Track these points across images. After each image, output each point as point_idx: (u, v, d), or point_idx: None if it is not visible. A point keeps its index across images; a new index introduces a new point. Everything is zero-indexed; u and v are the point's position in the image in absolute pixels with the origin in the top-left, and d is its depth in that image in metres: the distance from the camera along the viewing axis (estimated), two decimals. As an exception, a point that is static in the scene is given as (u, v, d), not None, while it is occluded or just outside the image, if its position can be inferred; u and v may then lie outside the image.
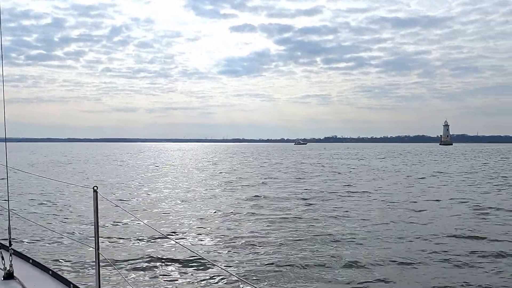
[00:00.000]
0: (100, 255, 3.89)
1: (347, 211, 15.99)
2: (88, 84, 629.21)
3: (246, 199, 19.64)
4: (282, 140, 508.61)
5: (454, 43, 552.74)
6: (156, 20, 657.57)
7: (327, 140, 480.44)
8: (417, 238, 11.86)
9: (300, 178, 29.94)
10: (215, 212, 16.08)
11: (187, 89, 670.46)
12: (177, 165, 48.56)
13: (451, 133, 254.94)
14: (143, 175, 34.05)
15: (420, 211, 16.30)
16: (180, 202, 18.76)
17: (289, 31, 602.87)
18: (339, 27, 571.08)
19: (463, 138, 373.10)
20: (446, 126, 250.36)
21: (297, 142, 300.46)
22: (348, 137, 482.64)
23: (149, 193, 22.10)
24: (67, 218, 14.78)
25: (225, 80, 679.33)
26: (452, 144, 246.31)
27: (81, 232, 12.59)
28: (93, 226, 4.03)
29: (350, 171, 36.75)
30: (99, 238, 3.95)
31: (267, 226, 13.40)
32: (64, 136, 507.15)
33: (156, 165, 48.07)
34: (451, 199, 19.61)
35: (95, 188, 3.84)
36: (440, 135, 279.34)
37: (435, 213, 15.88)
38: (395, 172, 35.63)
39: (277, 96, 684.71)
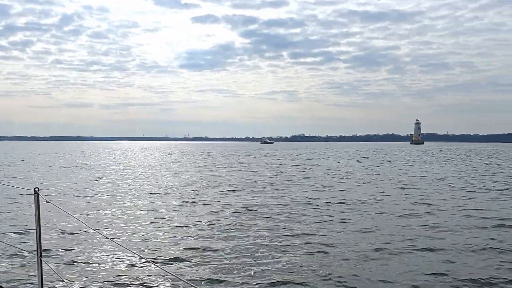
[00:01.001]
0: (43, 262, 3.82)
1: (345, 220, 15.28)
2: (36, 77, 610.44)
3: (191, 202, 19.87)
4: (247, 139, 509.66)
5: (423, 39, 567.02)
6: (111, 9, 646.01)
7: (294, 138, 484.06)
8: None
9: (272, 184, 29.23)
10: (163, 215, 16.31)
11: (146, 83, 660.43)
12: (131, 165, 47.52)
13: (421, 131, 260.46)
14: (93, 176, 33.29)
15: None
16: (128, 205, 18.67)
17: (255, 23, 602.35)
18: (306, 20, 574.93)
19: (434, 137, 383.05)
20: (418, 124, 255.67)
21: (264, 141, 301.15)
22: (316, 135, 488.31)
23: (96, 195, 21.65)
24: (5, 223, 14.47)
25: (187, 74, 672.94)
26: (423, 143, 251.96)
27: (22, 238, 12.36)
28: (35, 231, 3.96)
29: (337, 175, 36.69)
30: (41, 244, 3.88)
31: (214, 229, 13.84)
32: (10, 133, 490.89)
33: (109, 165, 46.93)
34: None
35: (36, 189, 3.76)
36: (411, 134, 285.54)
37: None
38: (388, 176, 35.74)
39: (241, 92, 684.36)
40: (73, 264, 9.80)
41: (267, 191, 23.12)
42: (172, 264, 9.91)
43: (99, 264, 9.86)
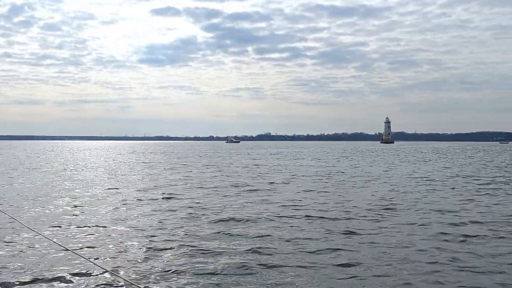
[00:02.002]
0: None
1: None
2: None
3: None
4: (211, 138, 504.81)
5: (392, 35, 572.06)
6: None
7: (260, 137, 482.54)
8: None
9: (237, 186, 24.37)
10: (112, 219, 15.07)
11: (103, 79, 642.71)
12: (83, 167, 41.83)
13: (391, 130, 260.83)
14: (42, 179, 28.71)
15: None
16: (77, 210, 16.87)
17: (218, 16, 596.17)
18: (272, 14, 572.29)
19: (402, 136, 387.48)
20: (388, 123, 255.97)
21: (229, 140, 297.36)
22: (283, 134, 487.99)
23: (46, 201, 19.16)
24: None
25: (146, 69, 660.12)
26: (393, 142, 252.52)
27: None
28: None
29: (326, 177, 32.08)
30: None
31: (164, 231, 13.18)
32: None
33: (62, 166, 41.28)
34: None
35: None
36: (379, 133, 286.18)
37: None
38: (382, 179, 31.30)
39: (205, 88, 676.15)
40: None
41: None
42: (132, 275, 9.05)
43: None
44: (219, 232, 12.79)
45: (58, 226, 13.55)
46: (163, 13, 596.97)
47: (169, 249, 10.90)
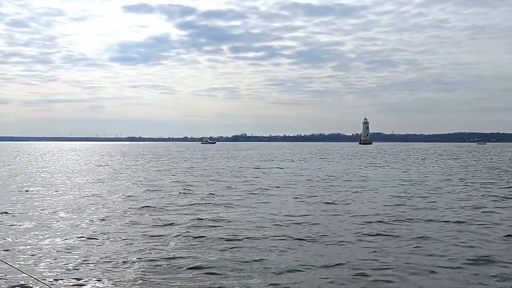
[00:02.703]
0: None
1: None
2: None
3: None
4: (185, 139, 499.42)
5: (368, 35, 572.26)
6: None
7: (236, 138, 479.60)
8: None
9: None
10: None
11: (72, 78, 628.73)
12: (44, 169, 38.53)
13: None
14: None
15: None
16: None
17: (192, 14, 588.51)
18: (248, 12, 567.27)
19: (379, 137, 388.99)
20: (366, 124, 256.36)
21: (205, 141, 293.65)
22: (259, 135, 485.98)
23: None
24: None
25: (118, 68, 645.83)
26: (372, 144, 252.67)
27: None
28: None
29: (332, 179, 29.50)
30: None
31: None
32: None
33: (22, 169, 37.92)
34: None
35: None
36: (356, 134, 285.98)
37: None
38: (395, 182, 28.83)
39: (178, 88, 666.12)
40: None
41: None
42: None
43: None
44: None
45: None
46: (136, 10, 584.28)
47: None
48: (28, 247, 12.28)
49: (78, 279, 9.53)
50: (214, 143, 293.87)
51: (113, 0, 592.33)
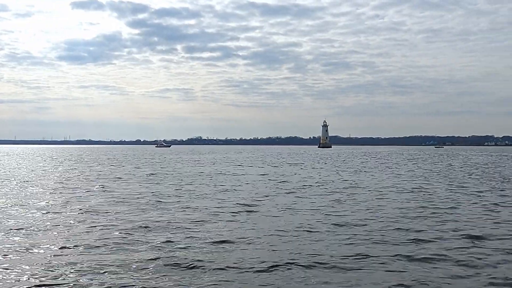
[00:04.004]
0: None
1: None
2: None
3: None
4: (138, 142, 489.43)
5: (325, 36, 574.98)
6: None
7: (191, 141, 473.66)
8: None
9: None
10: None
11: (17, 77, 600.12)
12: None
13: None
14: None
15: None
16: None
17: (144, 12, 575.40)
18: (202, 11, 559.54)
19: (336, 140, 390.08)
20: (325, 126, 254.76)
21: (159, 144, 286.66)
22: (215, 138, 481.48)
23: None
24: None
25: (66, 67, 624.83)
26: (331, 147, 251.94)
27: None
28: None
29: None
30: None
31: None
32: None
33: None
34: None
35: None
36: (313, 137, 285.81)
37: None
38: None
39: (130, 89, 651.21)
40: None
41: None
42: None
43: None
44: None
45: None
46: (85, 6, 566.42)
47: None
48: None
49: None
50: (169, 146, 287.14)
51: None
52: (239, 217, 17.56)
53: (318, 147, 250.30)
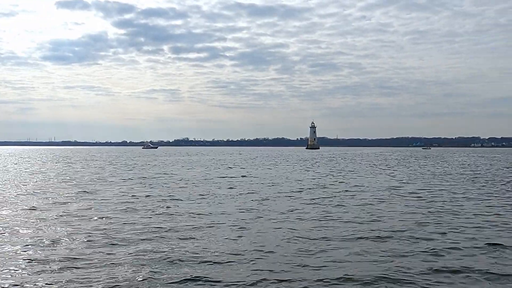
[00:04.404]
0: None
1: None
2: None
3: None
4: (124, 143, 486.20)
5: (312, 37, 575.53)
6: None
7: (178, 143, 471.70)
8: None
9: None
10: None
11: (0, 77, 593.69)
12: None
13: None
14: None
15: None
16: None
17: (131, 12, 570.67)
18: (189, 11, 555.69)
19: (324, 141, 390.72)
20: (313, 128, 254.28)
21: (146, 145, 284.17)
22: (202, 139, 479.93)
23: None
24: None
25: (51, 68, 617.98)
26: (319, 148, 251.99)
27: None
28: None
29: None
30: None
31: None
32: None
33: None
34: None
35: None
36: (301, 138, 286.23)
37: None
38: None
39: (116, 89, 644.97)
40: None
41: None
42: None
43: None
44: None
45: None
46: (70, 6, 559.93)
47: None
48: None
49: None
50: (156, 147, 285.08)
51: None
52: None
53: (306, 148, 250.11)
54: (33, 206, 20.47)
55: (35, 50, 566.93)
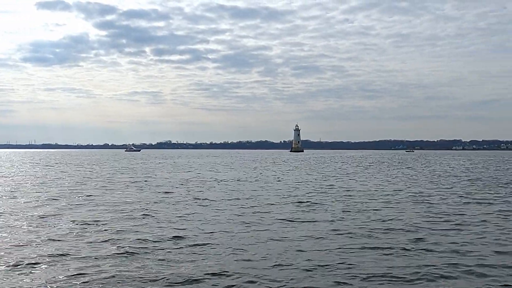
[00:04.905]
0: None
1: None
2: None
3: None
4: (106, 146, 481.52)
5: (295, 40, 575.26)
6: None
7: (160, 146, 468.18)
8: None
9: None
10: None
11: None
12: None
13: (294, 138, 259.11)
14: None
15: None
16: None
17: (112, 13, 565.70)
18: (172, 13, 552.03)
19: (307, 144, 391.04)
20: (297, 130, 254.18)
21: (129, 148, 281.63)
22: (185, 142, 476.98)
23: None
24: None
25: (31, 69, 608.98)
26: (303, 151, 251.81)
27: None
28: None
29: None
30: None
31: None
32: None
33: None
34: None
35: None
36: (284, 141, 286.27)
37: None
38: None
39: (98, 92, 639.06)
40: None
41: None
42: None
43: None
44: None
45: None
46: (51, 7, 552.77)
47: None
48: None
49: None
50: (139, 150, 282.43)
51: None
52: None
53: (290, 151, 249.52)
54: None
55: (15, 51, 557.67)
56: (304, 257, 12.09)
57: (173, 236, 14.53)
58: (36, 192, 28.64)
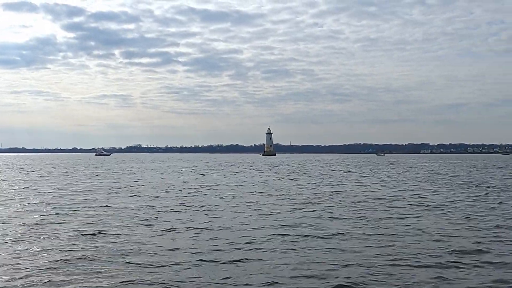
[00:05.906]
0: None
1: None
2: None
3: None
4: (74, 150, 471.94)
5: (265, 43, 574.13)
6: None
7: (130, 149, 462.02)
8: None
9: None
10: None
11: None
12: None
13: (264, 142, 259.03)
14: None
15: None
16: None
17: (81, 15, 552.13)
18: (142, 15, 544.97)
19: (278, 148, 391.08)
20: (270, 134, 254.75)
21: (99, 152, 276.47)
22: (155, 146, 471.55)
23: None
24: None
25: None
26: (275, 155, 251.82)
27: None
28: None
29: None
30: None
31: None
32: None
33: None
34: None
35: None
36: (255, 145, 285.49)
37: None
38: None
39: (66, 94, 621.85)
40: None
41: None
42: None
43: None
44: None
45: None
46: (17, 8, 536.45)
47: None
48: None
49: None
50: (109, 154, 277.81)
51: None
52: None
53: (262, 155, 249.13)
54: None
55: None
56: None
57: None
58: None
